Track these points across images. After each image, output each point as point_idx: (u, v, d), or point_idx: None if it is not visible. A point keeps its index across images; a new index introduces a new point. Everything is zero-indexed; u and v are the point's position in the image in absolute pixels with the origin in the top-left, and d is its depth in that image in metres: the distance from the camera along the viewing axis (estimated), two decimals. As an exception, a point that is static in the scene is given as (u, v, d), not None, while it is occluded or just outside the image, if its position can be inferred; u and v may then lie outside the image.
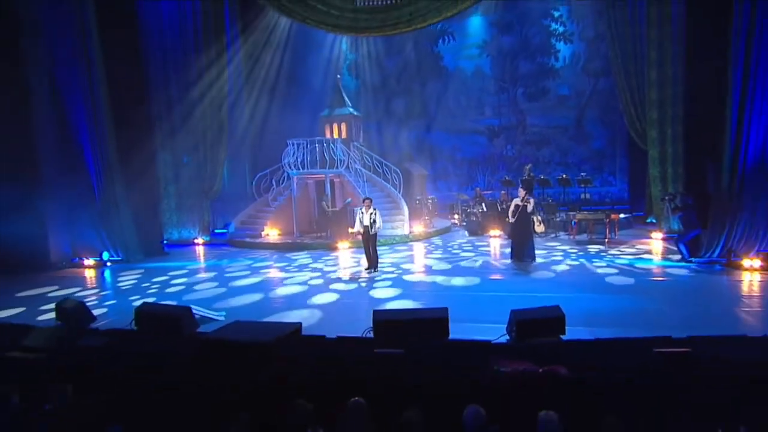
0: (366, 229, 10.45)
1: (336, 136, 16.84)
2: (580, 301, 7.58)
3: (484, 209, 15.64)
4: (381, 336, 5.82)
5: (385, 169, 16.59)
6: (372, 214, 10.46)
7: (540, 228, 13.07)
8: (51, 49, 11.58)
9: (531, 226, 11.18)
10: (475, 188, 18.18)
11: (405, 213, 14.89)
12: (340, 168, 15.17)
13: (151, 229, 13.66)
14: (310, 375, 4.84)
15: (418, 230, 15.01)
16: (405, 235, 14.45)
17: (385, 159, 17.06)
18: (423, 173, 18.78)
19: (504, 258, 11.51)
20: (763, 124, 9.10)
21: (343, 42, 19.85)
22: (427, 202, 16.73)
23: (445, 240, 14.58)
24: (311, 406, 3.99)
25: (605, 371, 4.79)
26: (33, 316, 8.07)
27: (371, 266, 10.56)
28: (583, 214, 13.91)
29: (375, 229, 10.48)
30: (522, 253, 10.79)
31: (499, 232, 14.46)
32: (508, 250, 11.35)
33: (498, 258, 11.77)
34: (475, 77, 20.12)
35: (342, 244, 13.48)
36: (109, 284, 10.38)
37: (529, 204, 10.74)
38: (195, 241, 15.45)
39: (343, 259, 12.39)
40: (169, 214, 15.51)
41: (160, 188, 14.84)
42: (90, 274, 11.46)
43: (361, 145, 17.26)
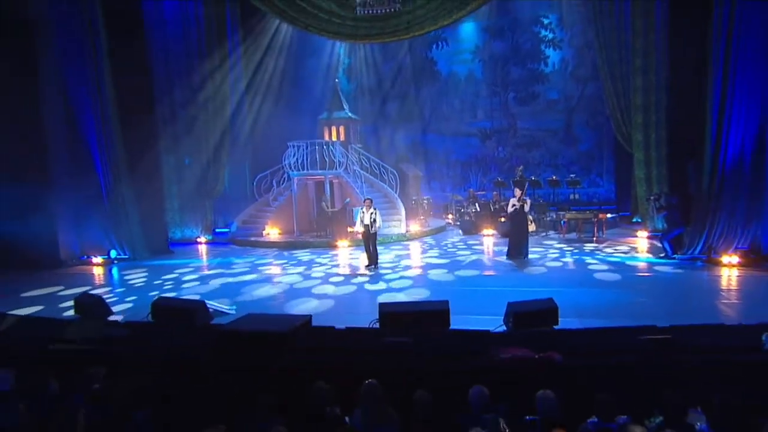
0: (366, 227, 10.77)
1: (334, 138, 17.08)
2: (571, 295, 7.87)
3: (478, 209, 15.96)
4: (386, 326, 6.11)
5: (382, 170, 16.86)
6: (372, 213, 10.78)
7: (531, 227, 13.41)
8: (62, 57, 11.75)
9: (527, 225, 11.54)
10: (468, 189, 18.43)
11: (402, 213, 15.19)
12: (339, 169, 15.44)
13: (156, 229, 13.81)
14: (325, 361, 5.14)
15: (415, 229, 15.32)
16: (402, 234, 14.74)
17: (382, 161, 17.27)
18: (418, 174, 19.04)
19: (498, 255, 11.84)
20: (741, 129, 9.44)
21: (341, 47, 20.08)
22: (423, 203, 17.02)
23: (441, 239, 14.86)
24: (329, 387, 4.30)
25: (596, 356, 5.15)
26: (57, 311, 8.17)
27: (371, 263, 10.87)
28: (572, 213, 14.24)
29: (375, 228, 10.80)
30: (518, 251, 11.11)
31: (492, 231, 14.76)
32: (501, 248, 11.69)
33: (492, 255, 12.11)
34: (467, 82, 20.34)
35: (341, 243, 13.75)
36: (126, 281, 10.54)
37: (525, 204, 11.10)
38: (198, 240, 15.61)
39: (343, 256, 12.69)
40: (172, 214, 15.65)
41: (165, 190, 15.01)
42: (99, 272, 11.67)
43: (359, 147, 17.52)
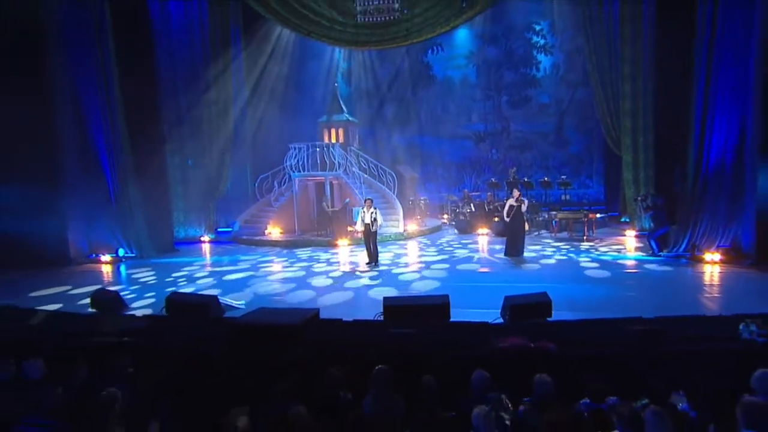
0: (367, 226, 11.06)
1: (334, 140, 17.33)
2: (563, 290, 8.15)
3: (473, 209, 16.26)
4: (390, 319, 6.40)
5: (380, 171, 17.13)
6: (373, 213, 11.07)
7: (525, 226, 13.73)
8: (72, 64, 11.95)
9: (524, 225, 11.85)
10: (463, 190, 18.72)
11: (399, 213, 15.48)
12: (339, 171, 15.70)
13: (162, 228, 13.98)
14: (336, 350, 5.42)
15: (412, 228, 15.61)
16: (400, 233, 15.02)
17: (379, 162, 17.49)
18: (414, 176, 19.32)
19: (493, 253, 12.15)
20: (723, 133, 9.78)
21: (339, 51, 20.31)
22: (420, 203, 17.31)
23: (437, 237, 15.13)
24: (341, 373, 4.58)
25: (587, 345, 5.47)
26: (76, 306, 8.30)
27: (372, 260, 11.15)
28: (563, 213, 14.56)
29: (376, 226, 11.09)
30: (515, 249, 11.39)
31: (486, 231, 15.06)
32: (497, 247, 11.98)
33: (488, 253, 12.41)
34: (462, 86, 20.64)
35: (342, 241, 14.01)
36: (138, 279, 10.71)
37: (523, 204, 11.41)
38: (201, 239, 15.81)
39: (344, 254, 12.96)
40: (176, 214, 15.75)
41: (171, 191, 15.21)
42: (108, 269, 11.85)
43: (358, 149, 17.78)
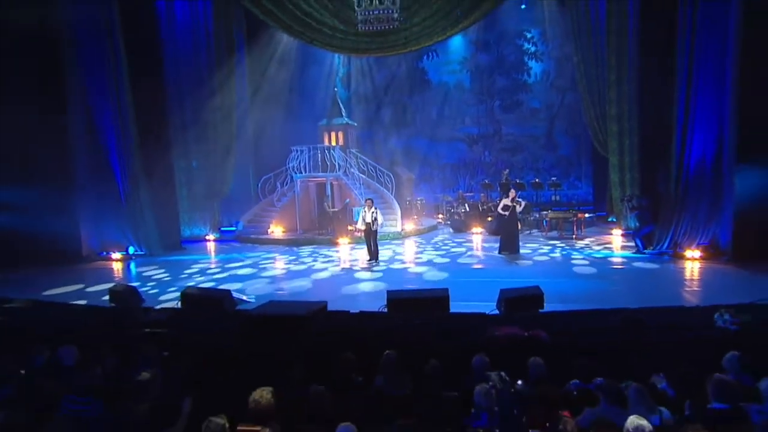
0: (368, 225, 11.39)
1: (333, 143, 17.64)
2: (554, 284, 8.45)
3: (467, 209, 16.64)
4: (393, 311, 6.74)
5: (379, 173, 17.45)
6: (373, 212, 11.39)
7: (518, 226, 14.10)
8: (85, 71, 12.22)
9: (517, 224, 12.21)
10: (457, 191, 19.07)
11: (398, 213, 15.81)
12: (339, 172, 16.01)
13: (169, 227, 14.26)
14: (346, 338, 5.75)
15: (409, 228, 15.95)
16: (398, 233, 15.34)
17: (377, 164, 17.79)
18: (411, 177, 19.63)
19: (487, 251, 12.52)
20: (703, 139, 10.20)
21: (338, 57, 20.60)
22: (416, 203, 17.65)
23: (433, 236, 15.48)
24: (353, 357, 4.90)
25: (576, 334, 5.84)
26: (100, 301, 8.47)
27: (372, 258, 11.48)
28: (553, 213, 14.88)
29: (376, 225, 11.42)
30: (510, 247, 11.73)
31: (480, 230, 15.42)
32: (490, 245, 12.33)
33: (482, 251, 12.77)
34: (456, 90, 20.98)
35: (342, 240, 14.33)
36: (152, 276, 10.93)
37: (519, 205, 11.76)
38: (206, 237, 16.05)
39: (345, 252, 13.28)
40: (181, 214, 16.05)
41: (178, 192, 15.47)
42: (119, 266, 12.11)
43: (356, 151, 18.10)
